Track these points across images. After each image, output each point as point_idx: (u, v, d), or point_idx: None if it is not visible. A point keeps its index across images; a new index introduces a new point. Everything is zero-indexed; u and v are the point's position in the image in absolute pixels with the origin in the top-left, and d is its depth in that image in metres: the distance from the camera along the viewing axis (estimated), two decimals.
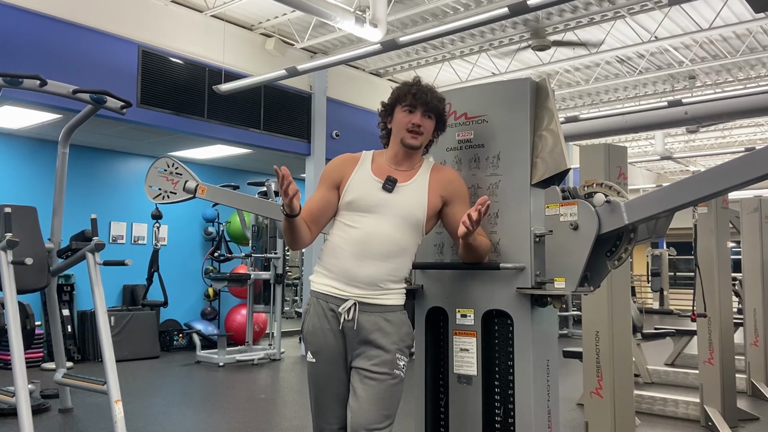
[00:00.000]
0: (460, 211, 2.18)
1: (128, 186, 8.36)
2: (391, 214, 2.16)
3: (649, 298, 16.59)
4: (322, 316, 2.17)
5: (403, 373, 2.15)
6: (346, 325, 2.13)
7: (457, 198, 2.23)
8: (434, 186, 2.21)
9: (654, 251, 12.97)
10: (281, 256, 7.76)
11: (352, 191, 2.20)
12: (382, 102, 2.29)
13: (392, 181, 2.19)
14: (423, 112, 2.18)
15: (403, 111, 2.20)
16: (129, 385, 5.64)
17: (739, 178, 1.89)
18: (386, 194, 2.18)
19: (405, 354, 2.16)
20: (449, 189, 2.23)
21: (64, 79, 4.31)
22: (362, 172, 2.23)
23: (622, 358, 3.86)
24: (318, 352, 2.18)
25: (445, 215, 2.24)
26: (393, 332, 2.13)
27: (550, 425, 2.27)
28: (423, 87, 2.20)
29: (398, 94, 2.22)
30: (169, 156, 3.56)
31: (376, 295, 2.14)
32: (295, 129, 8.21)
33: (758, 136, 13.95)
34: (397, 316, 2.17)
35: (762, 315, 5.83)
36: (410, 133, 2.18)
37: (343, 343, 2.15)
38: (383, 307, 2.15)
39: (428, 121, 2.20)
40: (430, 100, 2.18)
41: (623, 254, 2.15)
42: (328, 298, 2.16)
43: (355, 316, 2.12)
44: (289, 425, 4.64)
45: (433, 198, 2.20)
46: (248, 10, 7.46)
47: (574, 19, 7.51)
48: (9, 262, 3.64)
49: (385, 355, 2.11)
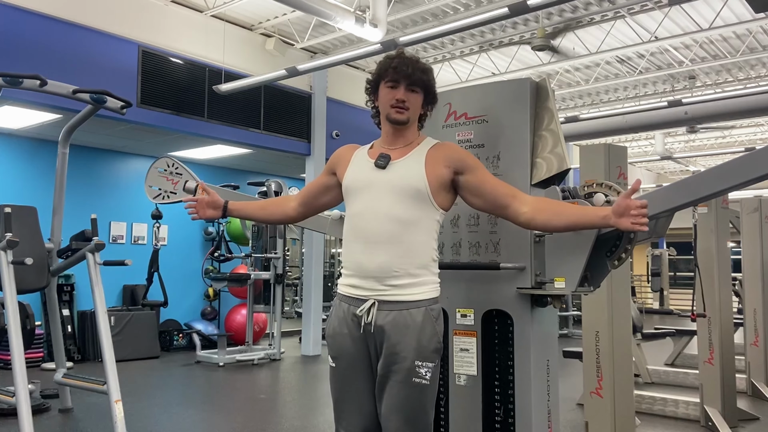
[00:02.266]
0: (482, 177, 2.06)
1: (128, 186, 8.36)
2: (385, 189, 2.03)
3: (649, 298, 16.59)
4: (342, 319, 2.07)
5: (426, 380, 1.96)
6: (366, 329, 2.00)
7: (469, 167, 2.06)
8: (434, 157, 2.06)
9: (654, 251, 12.98)
10: (281, 256, 7.76)
11: (348, 175, 2.13)
12: (367, 79, 2.17)
13: (385, 157, 2.07)
14: (407, 86, 2.05)
15: (386, 87, 2.07)
16: (129, 385, 5.63)
17: (739, 178, 1.89)
18: (378, 171, 2.06)
19: (428, 359, 1.97)
20: (455, 158, 2.06)
21: (64, 79, 4.31)
22: (359, 156, 2.16)
23: (622, 358, 3.86)
24: (337, 358, 2.08)
25: (467, 187, 2.07)
26: (412, 336, 1.96)
27: (550, 425, 2.27)
28: (405, 59, 2.06)
29: (380, 70, 2.08)
30: (169, 156, 3.56)
31: (395, 290, 1.99)
32: (295, 129, 8.21)
33: (758, 136, 13.96)
34: (421, 314, 1.98)
35: (762, 315, 5.83)
36: (394, 108, 2.06)
37: (365, 348, 2.03)
38: (405, 304, 1.99)
39: (413, 95, 2.07)
40: (413, 72, 2.04)
41: (623, 254, 2.15)
42: (348, 299, 2.06)
43: (374, 317, 1.99)
44: (289, 425, 4.64)
45: (433, 168, 2.03)
46: (248, 10, 7.46)
47: (574, 19, 7.51)
48: (9, 262, 3.64)
49: (402, 362, 1.95)
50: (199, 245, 9.18)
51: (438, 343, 2.02)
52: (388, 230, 2.00)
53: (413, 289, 2.00)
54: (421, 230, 2.03)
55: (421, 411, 1.98)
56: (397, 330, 1.97)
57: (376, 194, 2.04)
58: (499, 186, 2.08)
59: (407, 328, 1.97)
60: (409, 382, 1.95)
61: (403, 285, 2.00)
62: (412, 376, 1.95)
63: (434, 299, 2.05)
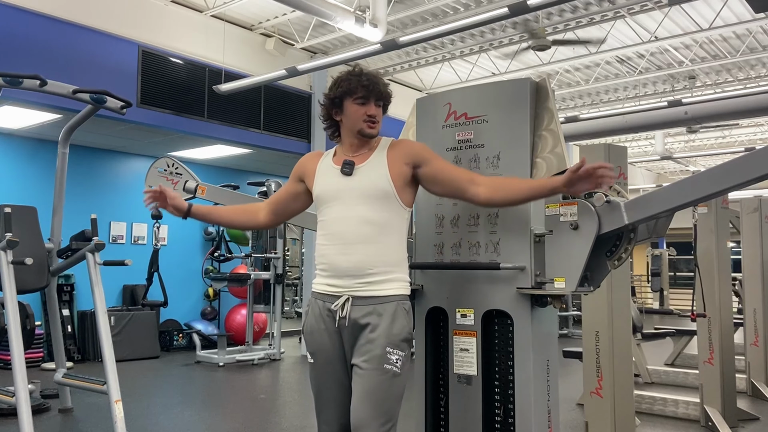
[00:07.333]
0: (437, 166, 2.18)
1: (128, 186, 8.35)
2: (355, 195, 2.13)
3: (649, 298, 16.58)
4: (318, 316, 2.15)
5: (397, 368, 2.03)
6: (341, 323, 2.09)
7: (424, 160, 2.18)
8: (394, 156, 2.17)
9: (654, 251, 12.99)
10: (281, 256, 7.76)
11: (317, 185, 2.23)
12: (326, 94, 2.24)
13: (349, 164, 2.17)
14: (375, 102, 2.18)
15: (355, 103, 2.16)
16: (129, 385, 5.64)
17: (739, 178, 1.89)
18: (346, 178, 2.16)
19: (399, 347, 2.05)
20: (411, 154, 2.19)
21: (64, 79, 4.30)
22: (325, 165, 2.25)
23: (622, 358, 3.86)
24: (315, 353, 2.17)
25: (425, 178, 2.19)
26: (384, 324, 2.04)
27: (550, 425, 2.27)
28: (372, 77, 2.18)
29: (348, 87, 2.16)
30: (169, 156, 3.56)
31: (369, 286, 2.08)
32: (295, 129, 8.21)
33: (758, 136, 13.96)
34: (392, 306, 2.08)
35: (762, 315, 5.83)
36: (367, 123, 2.17)
37: (340, 343, 2.11)
38: (377, 299, 2.08)
39: (379, 109, 2.20)
40: (382, 89, 2.18)
41: (623, 254, 2.15)
42: (324, 296, 2.15)
43: (348, 312, 2.07)
44: (289, 425, 4.64)
45: (395, 167, 2.15)
46: (248, 10, 7.46)
47: (574, 19, 7.50)
48: (9, 262, 3.64)
49: (375, 349, 2.03)
50: (199, 245, 9.18)
51: (409, 333, 2.11)
52: (363, 233, 2.11)
53: (386, 285, 2.10)
54: (393, 231, 2.15)
55: (389, 399, 2.03)
56: (370, 320, 2.06)
57: (348, 201, 2.14)
58: (454, 171, 2.21)
59: (380, 317, 2.06)
60: (381, 369, 2.02)
61: (377, 281, 2.09)
62: (383, 362, 2.02)
63: (406, 296, 2.15)
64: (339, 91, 2.18)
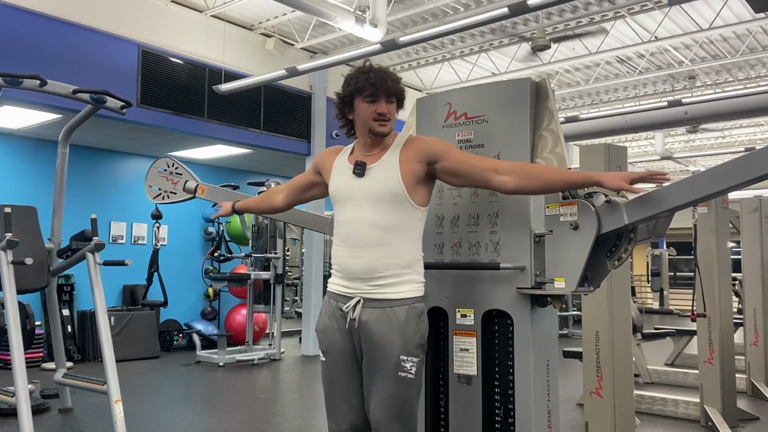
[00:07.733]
0: (456, 159, 2.12)
1: (128, 186, 8.35)
2: (365, 198, 2.12)
3: (649, 298, 16.58)
4: (331, 315, 2.17)
5: (410, 374, 2.05)
6: (352, 324, 2.09)
7: (440, 155, 2.13)
8: (406, 155, 2.13)
9: (654, 251, 12.99)
10: (281, 256, 7.75)
11: (332, 182, 2.25)
12: (337, 93, 2.21)
13: (361, 165, 2.15)
14: (386, 99, 2.13)
15: (365, 102, 2.13)
16: (129, 385, 5.64)
17: (739, 178, 1.89)
18: (358, 179, 2.14)
19: (413, 354, 2.06)
20: (424, 151, 2.13)
21: (64, 79, 4.30)
22: (341, 162, 2.26)
23: (622, 358, 3.86)
24: (327, 351, 2.18)
25: (444, 172, 2.14)
26: (396, 331, 2.04)
27: (550, 425, 2.27)
28: (380, 73, 2.13)
29: (356, 86, 2.13)
30: (169, 156, 3.56)
31: (380, 289, 2.08)
32: (295, 129, 8.21)
33: (758, 136, 13.95)
34: (405, 311, 2.06)
35: (762, 315, 5.83)
36: (377, 122, 2.13)
37: (352, 343, 2.12)
38: (389, 302, 2.07)
39: (392, 105, 2.16)
40: (391, 85, 2.13)
41: (623, 254, 2.15)
42: (337, 296, 2.17)
43: (359, 313, 2.07)
44: (289, 425, 4.64)
45: (408, 167, 2.11)
46: (248, 10, 7.45)
47: (574, 19, 7.50)
48: (9, 262, 3.64)
49: (389, 358, 2.04)
50: (199, 245, 9.18)
51: (422, 338, 2.10)
52: (372, 236, 2.10)
53: (397, 287, 2.09)
54: (403, 233, 2.12)
55: (407, 404, 2.07)
56: (382, 327, 2.06)
57: (358, 203, 2.14)
58: (475, 162, 2.15)
59: (391, 324, 2.05)
60: (396, 377, 2.03)
61: (387, 284, 2.09)
62: (398, 370, 2.03)
63: (418, 298, 2.13)
64: (348, 89, 2.17)
